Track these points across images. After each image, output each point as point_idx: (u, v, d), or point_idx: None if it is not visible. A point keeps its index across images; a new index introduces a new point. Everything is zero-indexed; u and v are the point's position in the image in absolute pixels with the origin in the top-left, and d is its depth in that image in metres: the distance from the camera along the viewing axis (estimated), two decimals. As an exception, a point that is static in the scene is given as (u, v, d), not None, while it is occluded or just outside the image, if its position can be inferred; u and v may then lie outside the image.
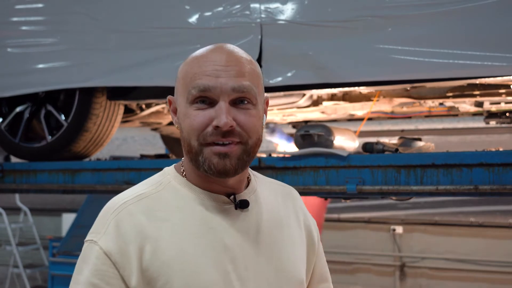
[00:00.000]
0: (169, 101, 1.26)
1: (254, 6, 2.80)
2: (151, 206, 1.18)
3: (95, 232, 1.16)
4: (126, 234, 1.13)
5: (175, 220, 1.17)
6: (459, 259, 6.40)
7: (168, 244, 1.14)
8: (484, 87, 2.91)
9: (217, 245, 1.16)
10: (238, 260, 1.17)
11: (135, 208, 1.17)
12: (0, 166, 3.71)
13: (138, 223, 1.15)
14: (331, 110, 3.55)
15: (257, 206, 1.26)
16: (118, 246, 1.12)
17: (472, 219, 6.46)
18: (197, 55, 1.21)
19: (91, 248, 1.14)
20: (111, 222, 1.15)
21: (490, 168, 2.39)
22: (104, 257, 1.12)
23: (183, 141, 1.19)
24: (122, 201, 1.19)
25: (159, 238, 1.14)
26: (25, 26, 3.50)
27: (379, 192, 2.62)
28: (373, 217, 7.00)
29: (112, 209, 1.18)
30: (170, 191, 1.21)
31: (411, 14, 2.54)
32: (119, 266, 1.12)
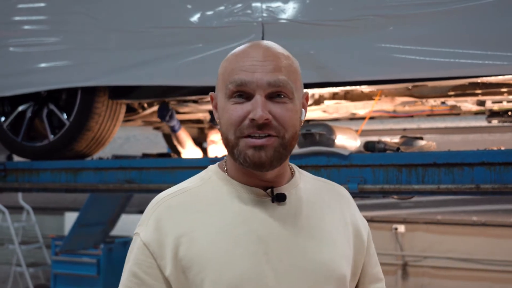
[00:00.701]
0: (211, 97, 1.29)
1: (255, 5, 2.80)
2: (189, 200, 1.23)
3: (140, 225, 1.23)
4: (163, 227, 1.19)
5: (211, 212, 1.20)
6: (461, 258, 6.39)
7: (203, 235, 1.17)
8: (486, 86, 2.90)
9: (251, 237, 1.18)
10: (272, 252, 1.18)
11: (173, 202, 1.22)
12: (3, 165, 3.72)
13: (176, 216, 1.20)
14: (332, 109, 3.55)
15: (297, 200, 1.26)
16: (156, 238, 1.18)
17: (474, 218, 6.45)
18: (236, 51, 1.25)
19: (135, 240, 1.22)
20: (152, 215, 1.22)
21: (491, 167, 2.38)
22: (143, 247, 1.19)
23: (222, 135, 1.22)
24: (163, 196, 1.25)
25: (194, 230, 1.18)
26: (27, 26, 3.51)
27: (381, 191, 2.62)
28: (375, 216, 7.00)
29: (154, 204, 1.25)
30: (209, 185, 1.25)
31: (412, 13, 2.54)
32: (156, 256, 1.18)
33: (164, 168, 3.14)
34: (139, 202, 7.22)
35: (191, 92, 3.22)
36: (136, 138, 10.95)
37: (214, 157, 3.27)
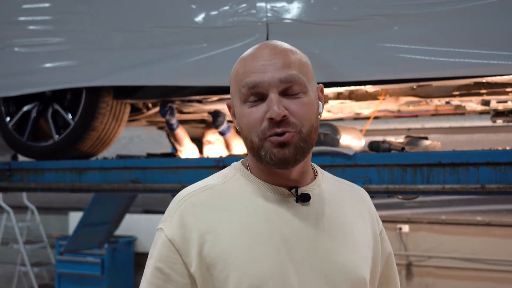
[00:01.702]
0: (228, 106, 1.30)
1: (260, 5, 2.80)
2: (214, 197, 1.23)
3: (163, 221, 1.24)
4: (188, 224, 1.19)
5: (236, 210, 1.21)
6: (466, 258, 6.38)
7: (227, 233, 1.18)
8: (491, 86, 2.90)
9: (275, 236, 1.19)
10: (295, 252, 1.19)
11: (198, 199, 1.23)
12: (8, 165, 3.73)
13: (200, 213, 1.21)
14: (337, 109, 3.54)
15: (320, 201, 1.26)
16: (181, 234, 1.19)
17: (478, 218, 6.44)
18: (244, 55, 1.26)
19: (159, 236, 1.22)
20: (176, 212, 1.22)
21: (496, 167, 2.38)
22: (169, 244, 1.20)
23: (245, 139, 1.23)
24: (187, 192, 1.26)
25: (218, 227, 1.19)
26: (32, 26, 3.52)
27: (386, 191, 2.61)
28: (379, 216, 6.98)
29: (178, 200, 1.25)
30: (234, 183, 1.26)
31: (417, 13, 2.53)
32: (181, 252, 1.19)
33: (168, 168, 3.14)
34: (143, 202, 7.23)
35: (195, 92, 3.22)
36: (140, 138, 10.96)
37: (218, 157, 3.27)
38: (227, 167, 1.32)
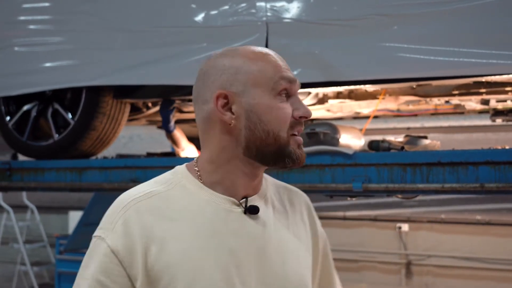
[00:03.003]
0: (225, 95, 1.18)
1: (260, 4, 2.81)
2: (159, 205, 1.17)
3: (104, 228, 1.16)
4: (133, 233, 1.13)
5: (182, 220, 1.16)
6: (465, 257, 6.39)
7: (174, 244, 1.13)
8: (490, 85, 2.90)
9: (222, 248, 1.15)
10: (242, 265, 1.16)
11: (143, 206, 1.16)
12: (8, 164, 3.73)
13: (146, 222, 1.14)
14: (336, 108, 3.55)
15: (266, 212, 1.24)
16: (125, 245, 1.12)
17: (478, 217, 6.45)
18: (260, 51, 1.22)
19: (99, 245, 1.15)
20: (119, 219, 1.15)
21: (496, 166, 2.38)
22: (111, 255, 1.12)
23: (265, 133, 1.17)
24: (130, 198, 1.18)
25: (165, 238, 1.13)
26: (32, 25, 3.52)
27: (385, 190, 2.62)
28: (379, 215, 6.99)
29: (121, 206, 1.17)
30: (179, 190, 1.20)
31: (417, 13, 2.54)
32: (125, 264, 1.12)
33: (169, 167, 3.12)
34: (143, 201, 7.22)
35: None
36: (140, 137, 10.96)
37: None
38: (169, 172, 1.26)
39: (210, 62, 1.23)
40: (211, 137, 1.21)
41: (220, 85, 1.18)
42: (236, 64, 1.19)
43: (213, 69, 1.21)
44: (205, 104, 1.21)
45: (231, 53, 1.22)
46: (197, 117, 1.25)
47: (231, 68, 1.19)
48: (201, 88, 1.22)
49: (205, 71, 1.22)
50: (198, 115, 1.24)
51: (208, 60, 1.24)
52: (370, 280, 6.83)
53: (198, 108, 1.24)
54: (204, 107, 1.21)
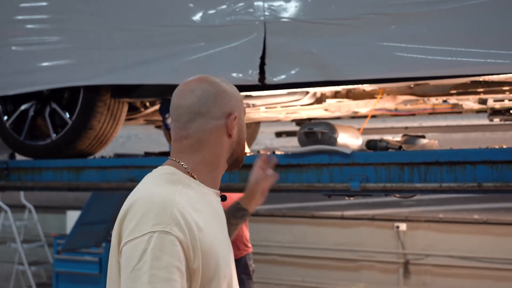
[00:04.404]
0: (235, 116, 1.56)
1: (257, 4, 2.80)
2: (188, 200, 1.43)
3: (164, 223, 1.35)
4: (189, 224, 1.37)
5: (203, 210, 1.46)
6: (463, 257, 6.40)
7: (207, 228, 1.42)
8: (488, 85, 2.90)
9: (221, 225, 1.57)
10: (226, 233, 1.58)
11: (183, 202, 1.41)
12: (5, 163, 3.73)
13: (191, 214, 1.39)
14: (334, 108, 3.55)
15: None
16: (187, 233, 1.36)
17: (476, 216, 6.45)
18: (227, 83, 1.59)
19: (164, 238, 1.33)
20: (176, 214, 1.37)
21: (493, 166, 2.39)
22: (179, 244, 1.34)
23: (242, 146, 1.60)
24: (170, 196, 1.41)
25: (201, 225, 1.41)
26: (30, 25, 3.51)
27: (383, 189, 2.62)
28: (377, 215, 7.00)
29: (169, 203, 1.39)
30: (188, 188, 1.47)
31: (414, 12, 2.54)
32: (190, 249, 1.36)
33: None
34: (141, 201, 7.22)
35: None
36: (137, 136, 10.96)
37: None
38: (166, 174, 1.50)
39: (215, 87, 1.54)
40: (211, 145, 1.52)
41: (231, 108, 1.54)
42: (235, 92, 1.58)
43: (224, 93, 1.54)
44: (215, 119, 1.52)
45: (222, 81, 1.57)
46: (195, 128, 1.51)
47: (234, 96, 1.56)
48: (212, 105, 1.52)
49: (215, 92, 1.53)
50: (202, 125, 1.51)
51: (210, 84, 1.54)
52: (368, 279, 6.84)
53: (204, 121, 1.51)
54: (213, 121, 1.52)
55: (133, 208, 1.40)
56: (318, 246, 7.08)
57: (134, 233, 1.34)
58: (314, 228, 7.18)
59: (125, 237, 1.36)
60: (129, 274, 1.31)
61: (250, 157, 3.03)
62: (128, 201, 1.44)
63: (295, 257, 7.16)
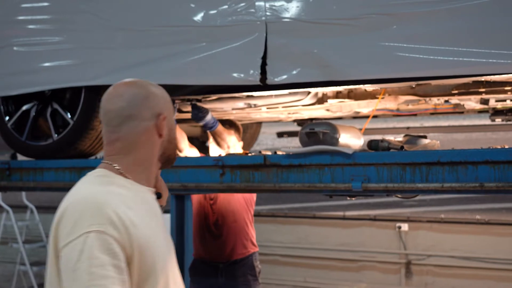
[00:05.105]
0: (163, 116, 1.64)
1: (259, 4, 2.80)
2: (121, 199, 1.50)
3: (97, 224, 1.41)
4: (122, 221, 1.44)
5: (136, 207, 1.52)
6: (465, 257, 6.39)
7: (141, 224, 1.49)
8: (490, 85, 2.90)
9: (157, 222, 1.62)
10: (162, 229, 1.65)
11: (116, 201, 1.48)
12: (7, 164, 3.73)
13: (125, 212, 1.46)
14: (336, 108, 3.54)
15: None
16: (122, 231, 1.43)
17: (478, 217, 6.45)
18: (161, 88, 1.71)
19: (99, 237, 1.39)
20: (110, 213, 1.43)
21: (495, 166, 2.38)
22: (115, 242, 1.41)
23: (173, 145, 1.71)
24: (103, 197, 1.48)
25: (136, 221, 1.47)
26: (31, 25, 3.51)
27: (385, 189, 2.62)
28: (378, 215, 7.00)
29: (102, 204, 1.45)
30: (123, 188, 1.55)
31: (416, 12, 2.53)
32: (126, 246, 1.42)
33: (168, 167, 3.14)
34: (142, 201, 7.22)
35: (195, 91, 3.22)
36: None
37: (218, 155, 3.27)
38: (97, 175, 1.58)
39: (143, 89, 1.65)
40: (142, 146, 1.61)
41: (160, 109, 1.64)
42: (164, 94, 1.69)
43: (152, 95, 1.64)
44: (145, 121, 1.61)
45: (150, 83, 1.69)
46: (127, 131, 1.60)
47: (162, 98, 1.67)
48: (142, 107, 1.61)
49: (144, 95, 1.63)
50: (132, 128, 1.60)
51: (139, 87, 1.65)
52: (370, 280, 6.84)
53: (134, 123, 1.60)
54: (144, 122, 1.61)
55: (67, 212, 1.45)
56: (320, 247, 7.07)
57: (70, 236, 1.40)
58: (316, 228, 7.18)
59: (61, 241, 1.42)
60: (68, 275, 1.37)
61: (251, 157, 3.03)
62: (62, 206, 1.50)
63: (297, 257, 7.16)
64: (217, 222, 3.89)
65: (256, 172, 2.89)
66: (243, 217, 3.93)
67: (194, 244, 4.09)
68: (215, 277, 3.88)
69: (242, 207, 3.94)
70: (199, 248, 3.97)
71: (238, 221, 3.90)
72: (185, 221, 5.71)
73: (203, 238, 3.94)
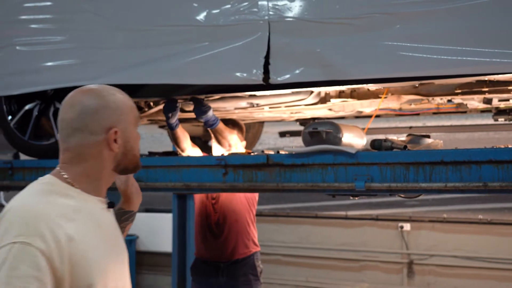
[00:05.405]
0: (116, 131, 1.61)
1: (262, 3, 2.80)
2: (62, 210, 1.49)
3: (25, 235, 1.41)
4: (54, 234, 1.43)
5: (78, 219, 1.52)
6: (467, 257, 6.38)
7: (80, 237, 1.48)
8: (493, 84, 2.89)
9: (105, 233, 1.60)
10: (114, 240, 1.65)
11: (52, 212, 1.47)
12: (10, 163, 3.73)
13: (60, 225, 1.45)
14: (338, 107, 3.54)
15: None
16: (50, 244, 1.42)
17: (480, 216, 6.44)
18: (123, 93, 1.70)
19: (24, 249, 1.39)
20: (41, 226, 1.43)
21: (499, 165, 2.38)
22: (40, 255, 1.40)
23: (132, 156, 1.67)
24: (38, 207, 1.47)
25: (73, 234, 1.47)
26: (34, 24, 3.51)
27: (388, 189, 2.61)
28: (380, 215, 6.99)
29: (35, 215, 1.45)
30: (67, 198, 1.54)
31: (419, 11, 2.53)
32: (53, 260, 1.41)
33: (171, 167, 3.14)
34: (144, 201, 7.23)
35: (197, 91, 3.22)
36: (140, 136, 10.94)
37: (221, 155, 3.27)
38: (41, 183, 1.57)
39: (95, 101, 1.61)
40: (91, 159, 1.59)
41: (111, 122, 1.60)
42: (119, 105, 1.63)
43: (103, 108, 1.60)
44: (94, 135, 1.59)
45: (108, 93, 1.65)
46: (75, 143, 1.59)
47: (117, 110, 1.62)
48: (91, 121, 1.59)
49: (95, 108, 1.60)
50: (81, 140, 1.59)
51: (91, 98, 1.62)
52: (372, 280, 6.83)
53: (83, 136, 1.59)
54: (92, 136, 1.59)
55: (3, 219, 1.46)
56: (322, 246, 7.07)
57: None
58: (318, 228, 7.18)
59: None
60: None
61: (254, 157, 3.02)
62: (2, 212, 1.51)
63: (299, 257, 7.16)
64: (219, 221, 3.89)
65: (259, 172, 2.89)
66: (245, 217, 3.93)
67: (195, 243, 4.09)
68: (216, 277, 3.88)
69: (244, 206, 3.94)
70: (201, 248, 3.98)
71: (240, 221, 3.90)
72: (187, 220, 5.73)
73: (205, 238, 3.94)
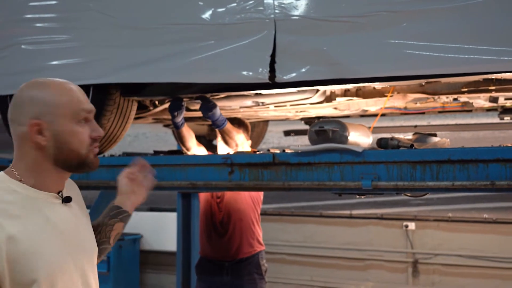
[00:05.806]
0: (37, 124, 1.56)
1: (267, 1, 2.79)
2: (4, 208, 1.50)
3: None
4: None
5: (24, 216, 1.52)
6: (473, 256, 6.37)
7: (24, 235, 1.48)
8: (500, 82, 2.88)
9: (55, 229, 1.57)
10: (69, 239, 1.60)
11: None
12: (13, 162, 3.72)
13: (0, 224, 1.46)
14: (344, 106, 3.53)
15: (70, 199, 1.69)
16: None
17: (485, 215, 6.43)
18: (65, 87, 1.65)
19: None
20: None
21: (507, 164, 2.37)
22: None
23: (70, 151, 1.60)
24: None
25: (15, 233, 1.47)
26: (39, 23, 3.51)
27: (395, 188, 2.61)
28: (385, 214, 6.98)
29: None
30: (12, 194, 1.54)
31: (425, 9, 2.52)
32: None
33: (176, 165, 3.14)
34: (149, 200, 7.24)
35: (202, 89, 3.21)
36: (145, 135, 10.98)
37: (226, 154, 3.26)
38: None
39: (25, 93, 1.62)
40: (26, 151, 1.58)
41: (33, 114, 1.57)
42: (47, 98, 1.60)
43: (28, 100, 1.60)
44: (21, 126, 1.58)
45: (42, 86, 1.63)
46: (13, 134, 1.61)
47: (43, 101, 1.59)
48: (18, 114, 1.59)
49: (21, 100, 1.60)
50: (14, 133, 1.60)
51: (23, 90, 1.63)
52: (377, 279, 6.82)
53: (14, 128, 1.60)
54: (20, 128, 1.58)
55: None
56: (327, 245, 7.07)
57: None
58: (323, 227, 7.17)
59: None
60: None
61: (260, 155, 3.02)
62: None
63: (304, 256, 7.15)
64: (224, 220, 3.89)
65: (265, 170, 2.88)
66: (249, 216, 3.93)
67: (200, 242, 4.09)
68: (221, 276, 3.88)
69: (248, 205, 3.94)
70: (206, 247, 3.98)
71: (245, 220, 3.90)
72: (191, 219, 5.73)
73: (209, 237, 3.94)
